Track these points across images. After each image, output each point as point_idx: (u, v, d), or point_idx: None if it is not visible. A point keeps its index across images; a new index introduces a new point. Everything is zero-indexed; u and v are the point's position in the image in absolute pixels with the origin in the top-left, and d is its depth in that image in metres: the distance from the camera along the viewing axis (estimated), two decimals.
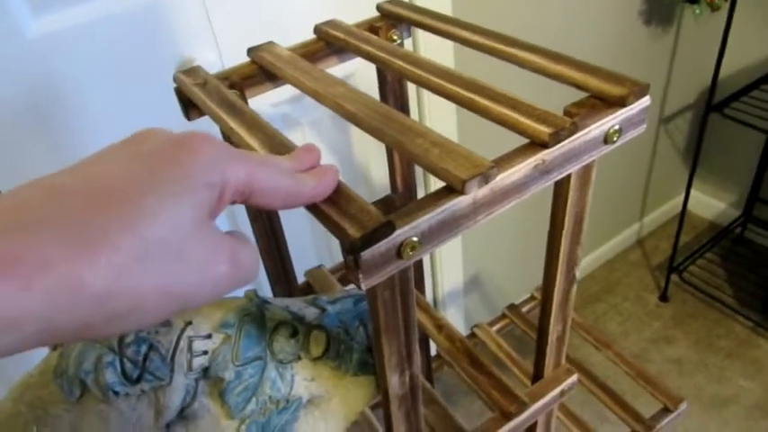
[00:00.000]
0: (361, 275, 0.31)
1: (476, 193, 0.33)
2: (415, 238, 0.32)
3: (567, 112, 0.38)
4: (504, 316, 0.97)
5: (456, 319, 1.53)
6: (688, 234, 1.93)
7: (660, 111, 1.68)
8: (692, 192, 1.96)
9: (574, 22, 1.29)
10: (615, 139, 0.38)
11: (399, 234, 0.31)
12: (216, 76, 0.48)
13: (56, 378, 0.36)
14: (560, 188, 0.42)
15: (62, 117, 0.79)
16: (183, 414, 0.38)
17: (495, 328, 0.94)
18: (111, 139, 0.28)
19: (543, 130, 0.35)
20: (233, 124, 0.40)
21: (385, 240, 0.30)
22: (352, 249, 0.30)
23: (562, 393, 0.55)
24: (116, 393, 0.36)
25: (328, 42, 0.52)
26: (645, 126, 0.40)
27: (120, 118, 0.82)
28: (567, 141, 0.36)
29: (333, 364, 0.42)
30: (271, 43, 0.51)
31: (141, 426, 0.36)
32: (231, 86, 0.49)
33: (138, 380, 0.36)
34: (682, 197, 1.61)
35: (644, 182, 1.83)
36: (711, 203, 1.95)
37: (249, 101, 0.50)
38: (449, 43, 1.07)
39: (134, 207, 0.23)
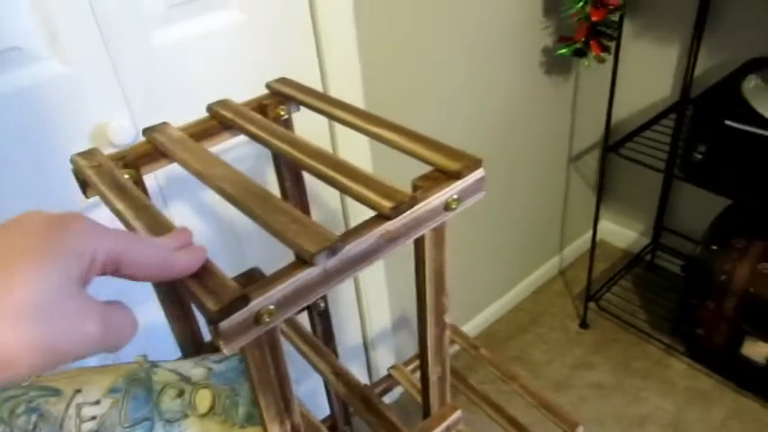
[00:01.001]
0: (221, 342, 0.35)
1: (325, 263, 0.39)
2: (271, 306, 0.37)
3: (414, 186, 0.45)
4: (416, 356, 1.02)
5: (386, 357, 1.58)
6: (605, 262, 2.06)
7: (569, 150, 1.82)
8: (606, 223, 2.11)
9: (481, 73, 1.39)
10: (454, 206, 0.45)
11: (255, 304, 0.36)
12: (112, 157, 0.53)
13: None
14: (418, 248, 0.49)
15: None
16: None
17: (409, 367, 1.00)
18: (19, 209, 0.32)
19: (386, 204, 0.41)
20: (120, 206, 0.45)
21: (241, 311, 0.35)
22: (211, 320, 0.35)
23: (448, 429, 0.60)
24: None
25: (220, 120, 0.58)
26: (483, 193, 0.47)
27: (33, 189, 0.85)
28: (408, 212, 0.42)
29: (220, 419, 0.46)
30: (164, 124, 0.56)
31: None
32: (126, 165, 0.53)
33: None
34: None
35: (560, 216, 1.95)
36: (623, 233, 2.09)
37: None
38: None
39: (9, 271, 0.27)
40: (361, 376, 1.59)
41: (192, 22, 0.92)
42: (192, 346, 0.67)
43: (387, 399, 1.27)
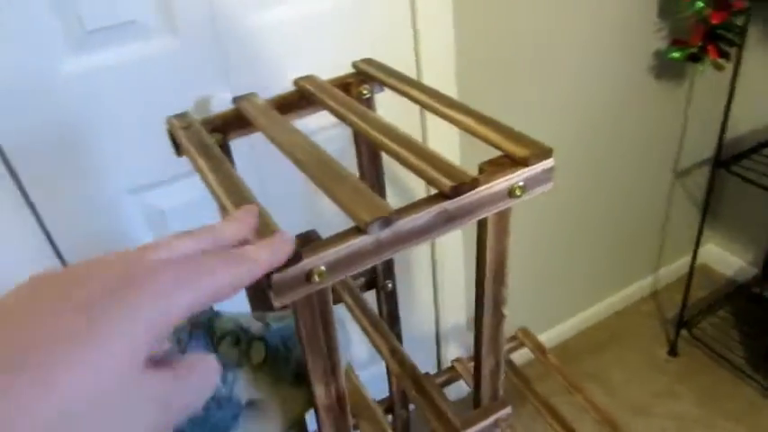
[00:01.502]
0: (272, 294, 0.37)
1: (378, 234, 0.39)
2: (322, 267, 0.38)
3: (480, 169, 0.45)
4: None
5: (456, 353, 1.57)
6: (704, 289, 1.92)
7: (675, 162, 1.71)
8: (710, 246, 1.96)
9: (587, 74, 1.34)
10: (519, 194, 0.44)
11: (307, 263, 0.38)
12: (202, 121, 0.57)
13: None
14: (480, 234, 0.48)
15: (83, 152, 0.89)
16: None
17: (472, 363, 0.99)
18: (124, 180, 0.36)
19: (447, 182, 0.41)
20: (201, 164, 0.48)
21: (293, 267, 0.37)
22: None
23: (496, 423, 0.59)
24: None
25: (303, 95, 0.60)
26: (551, 184, 0.46)
27: (142, 150, 0.92)
28: (469, 194, 0.42)
29: (271, 372, 0.48)
30: (253, 94, 0.59)
31: None
32: (214, 129, 0.57)
33: None
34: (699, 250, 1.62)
35: (659, 233, 1.84)
36: (729, 259, 1.94)
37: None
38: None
39: (51, 360, 0.21)
40: (429, 367, 1.59)
41: (293, 4, 0.96)
42: (262, 307, 0.71)
43: (453, 395, 1.27)
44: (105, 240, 0.96)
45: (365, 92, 0.62)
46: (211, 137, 0.54)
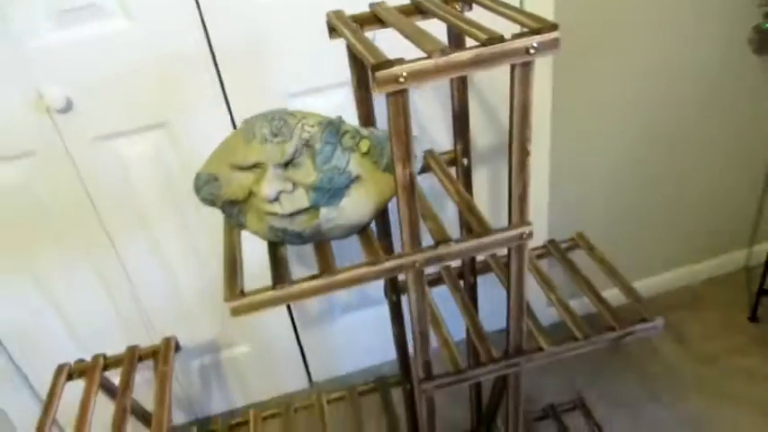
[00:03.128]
0: (374, 86, 0.68)
1: (437, 60, 0.68)
2: (404, 73, 0.68)
3: (512, 35, 0.72)
4: (544, 247, 1.25)
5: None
6: None
7: None
8: None
9: (681, 44, 1.51)
10: (533, 51, 0.71)
11: (396, 69, 0.68)
12: (350, 17, 0.89)
13: (243, 132, 0.79)
14: (511, 86, 0.75)
15: (265, 59, 1.27)
16: (294, 161, 0.78)
17: (535, 253, 1.24)
18: (289, 85, 0.67)
19: (482, 36, 0.69)
20: (347, 33, 0.80)
21: (387, 69, 0.67)
22: (372, 69, 0.67)
23: (521, 236, 0.86)
24: (267, 140, 0.77)
25: (416, 6, 0.90)
26: (558, 50, 0.72)
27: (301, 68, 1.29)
28: (497, 45, 0.69)
29: (371, 160, 0.79)
30: (383, 1, 0.90)
31: (275, 157, 0.77)
32: (354, 21, 0.89)
33: (276, 136, 0.77)
34: None
35: (756, 208, 1.91)
36: None
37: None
38: None
39: None
40: None
41: None
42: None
43: None
44: None
45: (458, 7, 0.91)
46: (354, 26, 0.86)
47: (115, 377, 1.24)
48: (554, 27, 0.71)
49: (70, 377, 1.23)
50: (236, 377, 1.79)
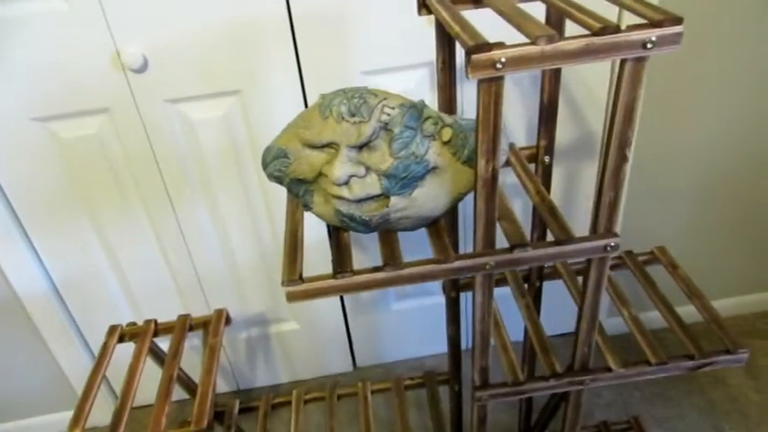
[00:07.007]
0: (469, 68, 0.62)
1: (543, 47, 0.61)
2: (503, 59, 0.61)
3: (627, 27, 0.64)
4: (620, 258, 1.16)
5: None
6: None
7: None
8: None
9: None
10: (650, 46, 0.63)
11: (494, 53, 0.61)
12: None
13: (319, 108, 0.74)
14: (618, 80, 0.67)
15: (340, 37, 1.22)
16: (369, 144, 0.73)
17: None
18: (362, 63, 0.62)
19: (596, 25, 0.62)
20: (438, 8, 0.74)
21: (484, 53, 0.61)
22: (468, 52, 0.61)
23: (605, 248, 0.78)
24: (343, 119, 0.72)
25: None
26: (678, 46, 0.63)
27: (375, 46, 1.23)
28: (611, 36, 0.62)
29: (452, 150, 0.73)
30: None
31: (350, 138, 0.72)
32: None
33: (354, 115, 0.72)
34: None
35: None
36: None
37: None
38: None
39: None
40: None
41: None
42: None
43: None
44: None
45: None
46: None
47: (164, 342, 1.23)
48: (678, 20, 0.62)
49: (121, 339, 1.23)
50: (282, 353, 1.78)
